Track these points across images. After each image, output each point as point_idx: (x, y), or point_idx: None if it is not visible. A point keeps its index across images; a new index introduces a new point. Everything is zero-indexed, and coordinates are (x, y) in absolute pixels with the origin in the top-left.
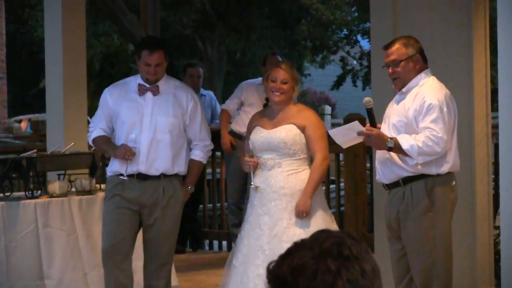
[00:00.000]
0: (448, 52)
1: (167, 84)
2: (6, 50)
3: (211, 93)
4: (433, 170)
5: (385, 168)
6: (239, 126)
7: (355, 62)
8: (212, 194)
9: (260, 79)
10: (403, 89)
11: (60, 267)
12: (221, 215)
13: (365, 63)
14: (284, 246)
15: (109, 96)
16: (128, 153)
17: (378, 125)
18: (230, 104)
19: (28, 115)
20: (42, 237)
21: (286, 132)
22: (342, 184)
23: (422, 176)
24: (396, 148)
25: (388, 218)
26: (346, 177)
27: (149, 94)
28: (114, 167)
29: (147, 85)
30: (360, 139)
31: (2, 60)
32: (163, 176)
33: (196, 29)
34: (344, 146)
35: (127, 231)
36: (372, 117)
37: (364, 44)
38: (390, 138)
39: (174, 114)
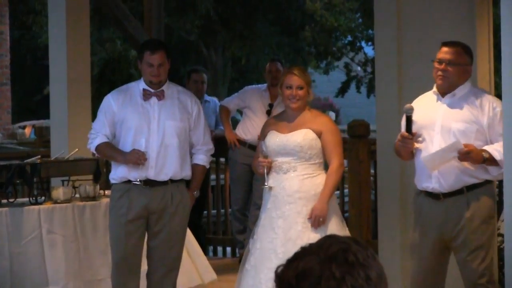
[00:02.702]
0: None
1: (170, 89)
2: (10, 56)
3: (215, 99)
4: (498, 177)
5: (450, 176)
6: (244, 133)
7: (359, 68)
8: (216, 200)
9: (264, 85)
10: (455, 91)
11: (65, 273)
12: (225, 221)
13: (369, 69)
14: None
15: (113, 102)
16: (141, 158)
17: (414, 132)
18: (231, 103)
19: (32, 121)
20: (46, 243)
21: (303, 136)
22: (346, 190)
23: (485, 183)
24: (489, 160)
25: (439, 229)
26: (350, 183)
27: (154, 99)
28: (120, 173)
29: (152, 90)
30: (453, 158)
31: (7, 66)
32: (171, 181)
33: (200, 35)
34: (434, 170)
35: (137, 242)
36: (410, 124)
37: (368, 50)
38: (484, 151)
39: (181, 118)
